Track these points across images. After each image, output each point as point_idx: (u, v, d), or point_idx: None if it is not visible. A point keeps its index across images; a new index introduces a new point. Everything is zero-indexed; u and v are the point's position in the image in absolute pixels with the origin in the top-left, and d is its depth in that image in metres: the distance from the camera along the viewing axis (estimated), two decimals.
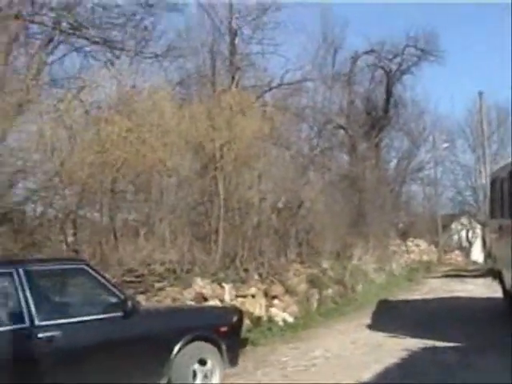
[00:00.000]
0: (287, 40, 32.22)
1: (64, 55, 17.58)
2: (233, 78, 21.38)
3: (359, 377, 10.31)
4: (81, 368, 8.20)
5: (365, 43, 36.52)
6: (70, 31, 17.14)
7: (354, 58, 35.63)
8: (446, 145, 49.99)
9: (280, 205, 20.07)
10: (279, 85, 25.46)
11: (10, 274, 8.19)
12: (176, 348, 8.99)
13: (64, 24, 16.66)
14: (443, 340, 12.84)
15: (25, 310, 8.04)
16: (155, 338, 8.93)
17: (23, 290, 8.11)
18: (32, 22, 16.23)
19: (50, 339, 8.02)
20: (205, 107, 17.30)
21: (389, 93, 38.30)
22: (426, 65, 38.29)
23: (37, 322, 8.04)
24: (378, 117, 37.76)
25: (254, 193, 18.25)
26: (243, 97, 18.58)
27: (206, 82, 20.80)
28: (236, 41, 22.95)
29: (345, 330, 15.55)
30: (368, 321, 16.50)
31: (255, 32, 23.71)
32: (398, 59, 37.87)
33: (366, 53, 36.62)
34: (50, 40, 16.45)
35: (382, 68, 38.02)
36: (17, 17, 14.63)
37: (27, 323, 8.00)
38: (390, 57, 37.75)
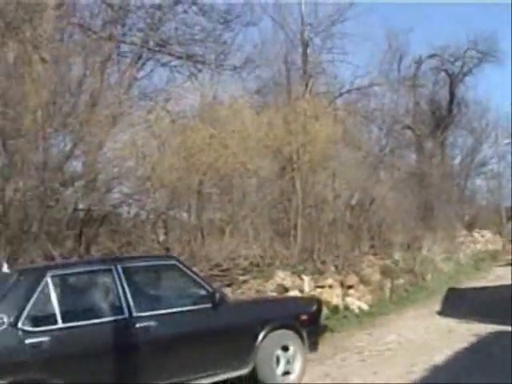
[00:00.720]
0: (355, 48, 31.98)
1: (152, 70, 17.76)
2: (306, 85, 21.27)
3: (431, 360, 10.20)
4: (174, 355, 8.27)
5: (428, 48, 36.16)
6: (157, 48, 17.32)
7: (418, 63, 35.25)
8: (507, 140, 49.08)
9: (353, 202, 19.99)
10: (349, 90, 25.32)
11: (110, 271, 8.33)
12: (261, 336, 9.01)
13: (151, 42, 16.85)
14: (510, 325, 12.61)
15: (124, 303, 8.16)
16: (242, 326, 8.97)
17: (122, 285, 8.24)
18: (123, 42, 16.45)
19: (146, 329, 8.12)
20: (281, 113, 17.31)
21: (452, 94, 37.83)
22: (487, 66, 37.73)
23: (134, 314, 8.14)
24: (443, 116, 37.31)
25: (328, 191, 18.23)
26: (316, 102, 18.56)
27: (282, 90, 20.77)
28: (308, 51, 22.82)
29: (416, 316, 15.41)
30: (438, 307, 16.31)
31: (325, 42, 23.58)
32: (460, 62, 37.38)
33: (430, 57, 36.21)
34: (139, 57, 16.63)
35: (445, 71, 37.58)
36: (109, 38, 14.84)
37: (126, 314, 8.12)
38: (452, 60, 37.29)
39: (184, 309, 8.66)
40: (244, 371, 8.91)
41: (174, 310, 8.56)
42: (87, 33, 14.54)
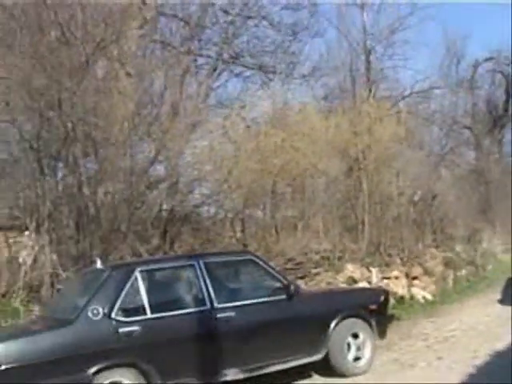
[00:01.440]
0: (415, 54, 31.70)
1: (226, 81, 17.95)
2: (369, 90, 21.14)
3: (494, 346, 9.99)
4: (252, 343, 8.29)
5: (484, 51, 35.52)
6: (231, 60, 17.47)
7: (475, 66, 34.63)
8: None
9: (416, 198, 19.74)
10: (410, 93, 25.09)
11: (193, 266, 8.40)
12: (332, 324, 8.95)
13: (225, 55, 16.97)
14: None
15: (206, 295, 8.21)
16: (315, 316, 8.91)
17: (204, 279, 8.29)
18: (200, 55, 16.66)
19: (227, 319, 8.15)
20: (347, 117, 17.21)
21: (508, 93, 36.97)
22: None
23: (216, 305, 8.18)
24: (499, 116, 36.51)
25: (393, 188, 18.03)
26: (380, 106, 18.38)
27: (347, 95, 20.70)
28: (370, 58, 22.73)
29: (478, 305, 15.11)
30: (499, 296, 15.95)
31: (387, 50, 23.43)
32: None
33: (486, 60, 35.55)
34: (215, 69, 16.79)
35: (501, 72, 36.78)
36: (188, 52, 15.01)
37: (208, 306, 8.17)
38: (507, 62, 36.52)
39: (261, 300, 8.63)
40: (317, 357, 8.86)
41: (252, 301, 8.55)
42: (167, 48, 14.74)
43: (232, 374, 8.14)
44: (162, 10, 15.72)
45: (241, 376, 8.19)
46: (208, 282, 8.32)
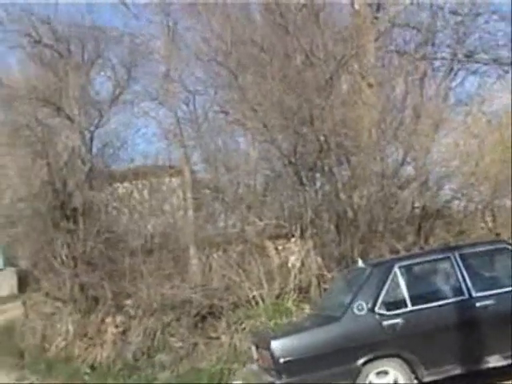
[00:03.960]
0: None
1: (463, 79, 17.31)
2: None
3: None
4: None
5: None
6: (465, 59, 16.86)
7: None
8: None
9: None
10: None
11: (448, 258, 8.23)
12: None
13: (459, 55, 16.40)
14: None
15: (463, 285, 8.01)
16: None
17: (460, 270, 8.09)
18: (435, 58, 16.24)
19: (485, 307, 7.87)
20: None
21: None
22: None
23: (474, 294, 7.95)
24: None
25: None
26: None
27: None
28: None
29: None
30: None
31: None
32: None
33: None
34: (451, 69, 16.30)
35: None
36: (423, 58, 14.74)
37: (466, 295, 7.96)
38: None
39: None
40: None
41: (508, 289, 8.09)
42: (403, 56, 14.56)
43: (494, 360, 7.83)
44: (394, 21, 15.56)
45: (503, 363, 7.85)
46: (464, 272, 8.10)
